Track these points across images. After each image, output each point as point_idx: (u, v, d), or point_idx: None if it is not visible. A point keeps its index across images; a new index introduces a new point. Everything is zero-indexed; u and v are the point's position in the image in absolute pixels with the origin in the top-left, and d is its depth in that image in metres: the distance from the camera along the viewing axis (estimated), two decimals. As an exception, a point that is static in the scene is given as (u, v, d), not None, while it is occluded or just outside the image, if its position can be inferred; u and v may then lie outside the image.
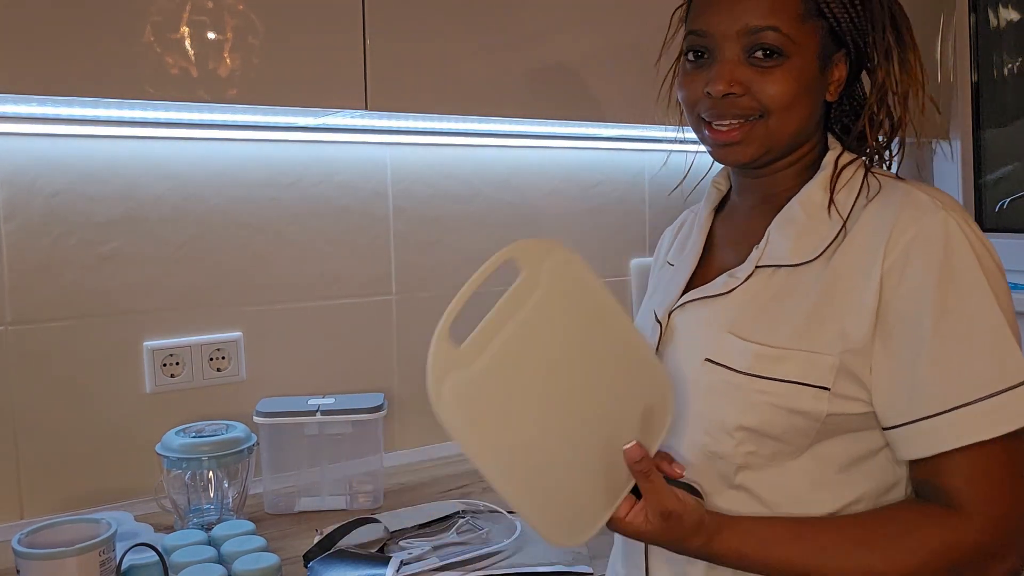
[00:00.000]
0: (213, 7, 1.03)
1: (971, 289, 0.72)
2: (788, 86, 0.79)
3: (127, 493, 1.33)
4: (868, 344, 0.74)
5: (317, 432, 1.32)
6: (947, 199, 0.77)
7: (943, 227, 0.73)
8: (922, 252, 0.73)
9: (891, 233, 0.74)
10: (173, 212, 1.34)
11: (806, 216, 0.81)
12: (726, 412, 0.78)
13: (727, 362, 0.79)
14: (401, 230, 1.55)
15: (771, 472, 0.78)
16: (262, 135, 1.40)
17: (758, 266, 0.82)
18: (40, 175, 1.24)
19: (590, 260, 1.88)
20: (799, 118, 0.81)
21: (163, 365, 1.35)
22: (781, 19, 0.78)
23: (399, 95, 1.17)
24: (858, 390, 0.75)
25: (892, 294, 0.73)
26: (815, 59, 0.80)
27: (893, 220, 0.75)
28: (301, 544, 1.16)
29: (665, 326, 0.88)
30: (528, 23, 1.27)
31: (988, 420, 0.70)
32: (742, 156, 0.82)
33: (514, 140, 1.65)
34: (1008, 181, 1.91)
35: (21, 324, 1.24)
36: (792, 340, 0.77)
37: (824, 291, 0.77)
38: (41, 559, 0.90)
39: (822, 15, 0.80)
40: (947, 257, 0.72)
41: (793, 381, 0.75)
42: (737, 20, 0.79)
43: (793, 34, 0.78)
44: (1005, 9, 1.88)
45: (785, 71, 0.79)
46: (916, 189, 0.78)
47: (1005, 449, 0.71)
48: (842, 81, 0.83)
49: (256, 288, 1.42)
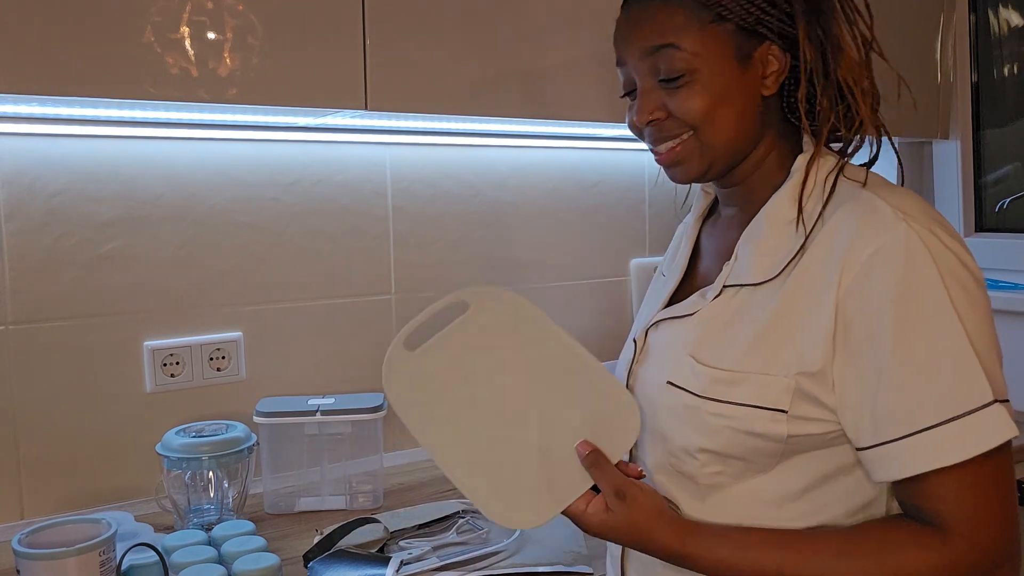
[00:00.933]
0: (213, 7, 1.03)
1: (931, 309, 0.68)
2: (702, 100, 0.77)
3: (127, 493, 1.33)
4: (827, 365, 0.72)
5: (317, 432, 1.32)
6: (915, 206, 0.73)
7: (904, 242, 0.69)
8: (881, 270, 0.69)
9: (848, 250, 0.71)
10: (173, 212, 1.35)
11: (771, 230, 0.79)
12: (687, 435, 0.78)
13: (686, 385, 0.79)
14: (400, 230, 1.55)
15: (740, 489, 0.78)
16: (262, 135, 1.40)
17: (725, 285, 0.81)
18: (40, 175, 1.24)
19: (590, 260, 1.90)
20: (728, 126, 0.78)
21: (163, 365, 1.35)
22: (677, 35, 0.77)
23: (399, 95, 1.17)
24: (820, 411, 0.73)
25: (853, 314, 0.70)
26: (730, 62, 0.77)
27: (851, 235, 0.71)
28: (301, 544, 1.16)
29: (641, 345, 0.88)
30: (528, 23, 1.27)
31: (954, 444, 0.68)
32: (687, 174, 0.81)
33: (514, 140, 1.65)
34: (1008, 181, 1.91)
35: (21, 324, 1.24)
36: (747, 362, 0.75)
37: (780, 311, 0.75)
38: (41, 559, 0.90)
39: (723, 18, 0.76)
40: (906, 274, 0.69)
41: (749, 404, 0.74)
42: (637, 45, 0.79)
43: (694, 46, 0.76)
44: (1005, 9, 1.88)
45: (696, 85, 0.77)
46: (879, 198, 0.73)
47: (981, 470, 0.69)
48: (782, 72, 0.79)
49: (256, 288, 1.42)
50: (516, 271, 1.69)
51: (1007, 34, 1.88)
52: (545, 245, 1.73)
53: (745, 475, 0.77)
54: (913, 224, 0.70)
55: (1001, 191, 1.92)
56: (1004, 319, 1.81)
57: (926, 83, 1.86)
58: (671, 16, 0.77)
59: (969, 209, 1.94)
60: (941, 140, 1.93)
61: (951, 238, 0.72)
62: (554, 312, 1.74)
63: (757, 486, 0.77)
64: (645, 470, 0.83)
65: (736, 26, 0.77)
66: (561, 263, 1.76)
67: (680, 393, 0.79)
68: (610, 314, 1.82)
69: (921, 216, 0.72)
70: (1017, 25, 1.87)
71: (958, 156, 1.92)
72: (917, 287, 0.69)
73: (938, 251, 0.70)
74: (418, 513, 1.25)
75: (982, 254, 1.90)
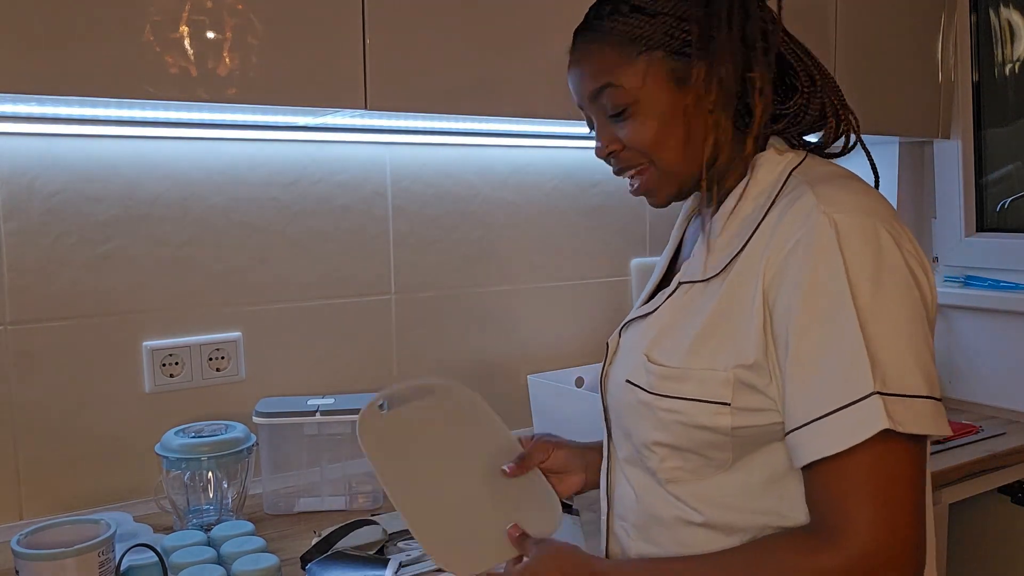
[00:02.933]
0: (212, 7, 1.02)
1: (829, 302, 0.68)
2: (648, 129, 0.80)
3: (126, 493, 1.33)
4: (761, 357, 0.73)
5: (316, 432, 1.32)
6: (848, 198, 0.73)
7: (817, 234, 0.70)
8: (796, 264, 0.71)
9: (773, 244, 0.73)
10: (173, 211, 1.34)
11: (721, 228, 0.81)
12: (645, 430, 0.81)
13: (640, 383, 0.81)
14: (400, 230, 1.55)
15: (702, 485, 0.79)
16: (262, 135, 1.39)
17: (680, 282, 0.83)
18: (40, 175, 1.24)
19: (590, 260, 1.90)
20: (678, 148, 0.80)
21: (162, 365, 1.34)
22: (611, 73, 0.80)
23: (399, 95, 1.16)
24: (763, 401, 0.74)
25: (773, 306, 0.72)
26: (667, 84, 0.79)
27: (776, 230, 0.73)
28: (300, 545, 1.16)
29: (614, 347, 0.90)
30: (528, 23, 1.27)
31: (829, 436, 0.67)
32: (658, 202, 0.85)
33: (514, 140, 1.65)
34: (1009, 181, 1.91)
35: (20, 324, 1.24)
36: (690, 359, 0.77)
37: (719, 306, 0.77)
38: (40, 560, 0.90)
39: (650, 47, 0.78)
40: (815, 266, 0.69)
41: (694, 399, 0.76)
42: (581, 89, 0.84)
43: (628, 80, 0.79)
44: (1006, 9, 1.87)
45: (640, 115, 0.80)
46: (812, 191, 0.74)
47: (856, 466, 0.66)
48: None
49: (255, 288, 1.42)
50: (516, 271, 1.69)
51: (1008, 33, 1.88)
52: (545, 245, 1.73)
53: (704, 472, 0.79)
54: (836, 215, 0.71)
55: (1002, 191, 1.91)
56: (1004, 319, 1.81)
57: (927, 83, 1.85)
58: (604, 56, 0.81)
59: (970, 209, 1.94)
60: (942, 140, 1.93)
61: (887, 232, 0.71)
62: (554, 312, 1.74)
63: (719, 483, 0.78)
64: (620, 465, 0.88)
65: (664, 52, 0.79)
66: (561, 263, 1.76)
67: (636, 391, 0.82)
68: (610, 314, 1.81)
69: (852, 208, 0.72)
70: (1018, 24, 1.87)
71: (959, 156, 1.92)
72: (822, 279, 0.69)
73: (852, 243, 0.69)
74: None
75: (982, 254, 1.91)
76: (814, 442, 0.68)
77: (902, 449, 0.67)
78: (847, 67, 1.67)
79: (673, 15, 0.78)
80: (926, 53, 1.85)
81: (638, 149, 0.81)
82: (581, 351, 1.77)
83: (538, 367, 1.70)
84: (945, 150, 1.95)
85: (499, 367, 1.68)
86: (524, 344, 1.71)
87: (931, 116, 1.87)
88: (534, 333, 1.72)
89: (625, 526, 0.87)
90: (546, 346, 1.74)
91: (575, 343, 1.77)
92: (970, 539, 1.76)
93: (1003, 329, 1.82)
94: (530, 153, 1.69)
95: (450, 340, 1.62)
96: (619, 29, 0.80)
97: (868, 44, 1.71)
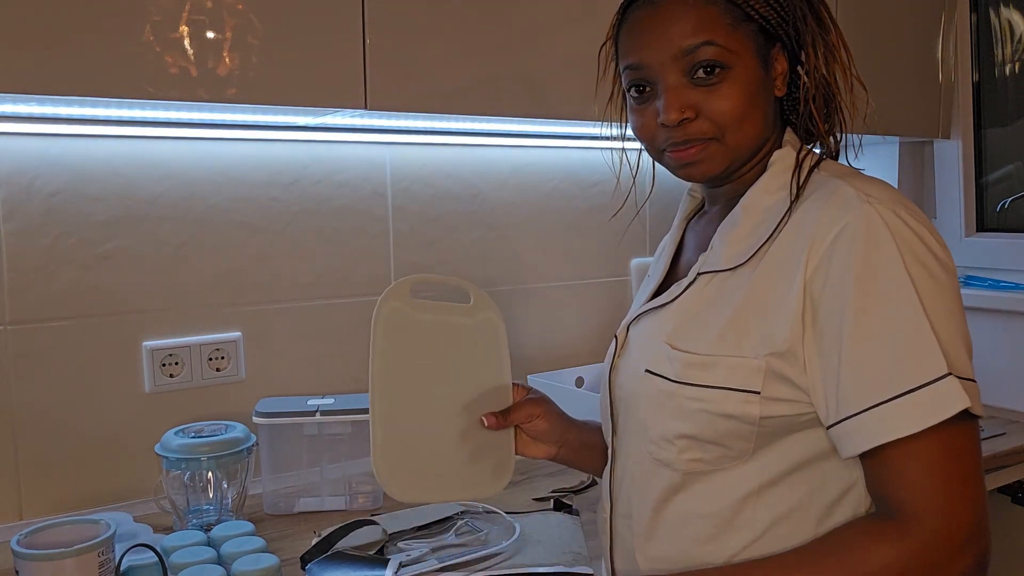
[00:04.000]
0: (212, 7, 1.02)
1: (889, 285, 0.69)
2: (738, 98, 0.78)
3: (126, 493, 1.33)
4: (796, 346, 0.73)
5: (316, 432, 1.32)
6: (882, 191, 0.74)
7: (865, 222, 0.71)
8: (844, 250, 0.71)
9: (815, 233, 0.73)
10: (172, 212, 1.34)
11: (746, 219, 0.81)
12: (665, 421, 0.80)
13: (662, 371, 0.80)
14: (400, 230, 1.55)
15: (719, 477, 0.78)
16: (261, 135, 1.39)
17: (699, 273, 0.83)
18: (39, 175, 1.24)
19: (590, 260, 1.89)
20: (755, 127, 0.80)
21: (162, 365, 1.34)
22: (714, 32, 0.77)
23: (399, 95, 1.16)
24: (792, 391, 0.74)
25: (819, 295, 0.72)
26: (756, 61, 0.79)
27: (817, 219, 0.74)
28: (300, 545, 1.16)
29: (622, 340, 0.90)
30: (528, 22, 1.27)
31: (906, 416, 0.67)
32: (706, 173, 0.82)
33: (514, 140, 1.65)
34: (1009, 181, 1.91)
35: (20, 324, 1.24)
36: (719, 346, 0.77)
37: (750, 294, 0.76)
38: (40, 560, 0.90)
39: (750, 18, 0.78)
40: (867, 253, 0.70)
41: (721, 387, 0.75)
42: (671, 44, 0.78)
43: (729, 44, 0.77)
44: (1006, 8, 1.87)
45: (731, 83, 0.78)
46: (847, 184, 0.75)
47: (936, 445, 0.67)
48: (785, 74, 0.82)
49: (255, 288, 1.42)
50: (516, 271, 1.69)
51: (1008, 33, 1.88)
52: (545, 245, 1.73)
53: (722, 463, 0.78)
54: (877, 205, 0.72)
55: (1002, 191, 1.91)
56: (1004, 319, 1.81)
57: (927, 82, 1.85)
58: (708, 13, 0.77)
59: (970, 209, 1.94)
60: (942, 140, 1.93)
61: (918, 222, 0.72)
62: (554, 312, 1.74)
63: (735, 475, 0.78)
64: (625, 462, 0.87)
65: (758, 26, 0.79)
66: (561, 263, 1.76)
67: (657, 380, 0.81)
68: (610, 314, 1.81)
69: (887, 199, 0.73)
70: (1018, 24, 1.87)
71: (959, 156, 1.92)
72: (877, 264, 0.70)
73: (900, 231, 0.71)
74: (417, 515, 1.24)
75: (983, 254, 1.91)
76: (882, 425, 0.68)
77: (970, 429, 0.68)
78: (847, 67, 1.67)
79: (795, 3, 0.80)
80: (926, 53, 1.85)
81: (717, 120, 0.78)
82: (581, 351, 1.77)
83: (538, 367, 1.70)
84: (945, 150, 1.95)
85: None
86: (524, 344, 1.71)
87: (931, 116, 1.87)
88: (534, 333, 1.72)
89: (629, 524, 0.86)
90: (546, 346, 1.74)
91: (575, 343, 1.77)
92: (970, 539, 1.76)
93: (1003, 329, 1.81)
94: (530, 153, 1.69)
95: (450, 340, 1.61)
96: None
97: (868, 44, 1.71)
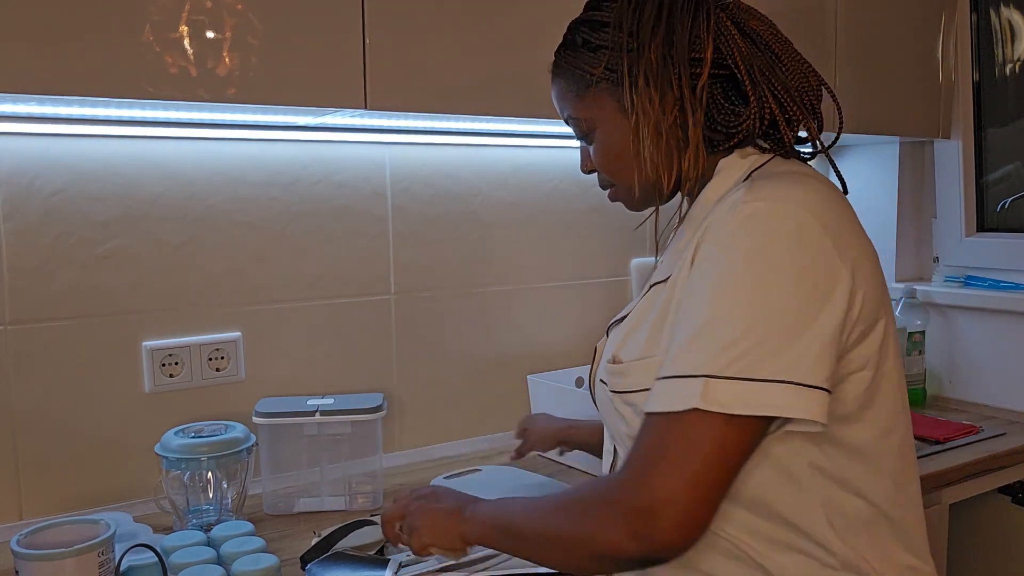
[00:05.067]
0: (212, 6, 1.02)
1: (709, 278, 0.72)
2: (603, 155, 0.88)
3: (126, 494, 1.33)
4: None
5: (316, 432, 1.32)
6: (776, 191, 0.74)
7: (729, 218, 0.73)
8: (703, 246, 0.74)
9: (703, 234, 0.76)
10: (172, 211, 1.34)
11: (687, 230, 0.85)
12: (616, 424, 0.86)
13: (607, 380, 0.86)
14: (400, 230, 1.55)
15: None
16: (261, 135, 1.39)
17: (651, 285, 0.87)
18: (39, 175, 1.24)
19: (590, 260, 1.89)
20: (634, 171, 0.85)
21: (162, 365, 1.34)
22: (566, 105, 0.89)
23: (399, 95, 1.16)
24: None
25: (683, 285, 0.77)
26: (617, 114, 0.84)
27: (710, 221, 0.76)
28: (300, 545, 1.16)
29: (601, 350, 0.95)
30: (528, 22, 1.26)
31: (657, 396, 0.72)
32: (629, 208, 0.94)
33: (514, 140, 1.65)
34: (1009, 181, 1.90)
35: (20, 324, 1.24)
36: (644, 350, 0.81)
37: (666, 299, 0.81)
38: (40, 560, 0.90)
39: (591, 82, 0.85)
40: (714, 246, 0.73)
41: (641, 389, 0.79)
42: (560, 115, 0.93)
43: (581, 112, 0.88)
44: (1007, 8, 1.87)
45: (599, 142, 0.88)
46: (749, 185, 0.75)
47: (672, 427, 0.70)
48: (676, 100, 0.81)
49: (255, 288, 1.42)
50: (516, 271, 1.69)
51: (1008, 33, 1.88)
52: (545, 245, 1.73)
53: None
54: (754, 203, 0.73)
55: (1003, 191, 1.91)
56: (1004, 319, 1.81)
57: (927, 82, 1.85)
58: (561, 89, 0.90)
59: (971, 209, 1.94)
60: (942, 140, 1.93)
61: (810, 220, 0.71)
62: (554, 312, 1.74)
63: None
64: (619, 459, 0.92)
65: (609, 84, 0.84)
66: (561, 263, 1.76)
67: (605, 388, 0.87)
68: (610, 314, 1.81)
69: (774, 197, 0.73)
70: (1018, 24, 1.87)
71: (959, 156, 1.92)
72: (713, 254, 0.73)
73: (759, 225, 0.71)
74: None
75: (983, 254, 1.90)
76: (653, 397, 0.73)
77: (719, 428, 0.69)
78: (847, 67, 1.67)
79: (613, 48, 0.83)
80: (926, 53, 1.85)
81: (600, 171, 0.90)
82: (581, 351, 1.77)
83: (538, 367, 1.70)
84: (945, 150, 1.95)
85: (499, 367, 1.68)
86: (524, 344, 1.71)
87: (931, 116, 1.87)
88: (534, 333, 1.72)
89: None
90: (546, 346, 1.74)
91: (575, 343, 1.77)
92: (970, 539, 1.76)
93: (1003, 329, 1.81)
94: (530, 153, 1.69)
95: (450, 340, 1.62)
96: (571, 64, 0.87)
97: (868, 44, 1.71)
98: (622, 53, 0.81)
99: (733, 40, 0.81)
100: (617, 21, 0.82)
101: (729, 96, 0.83)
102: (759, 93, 0.81)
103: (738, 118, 0.82)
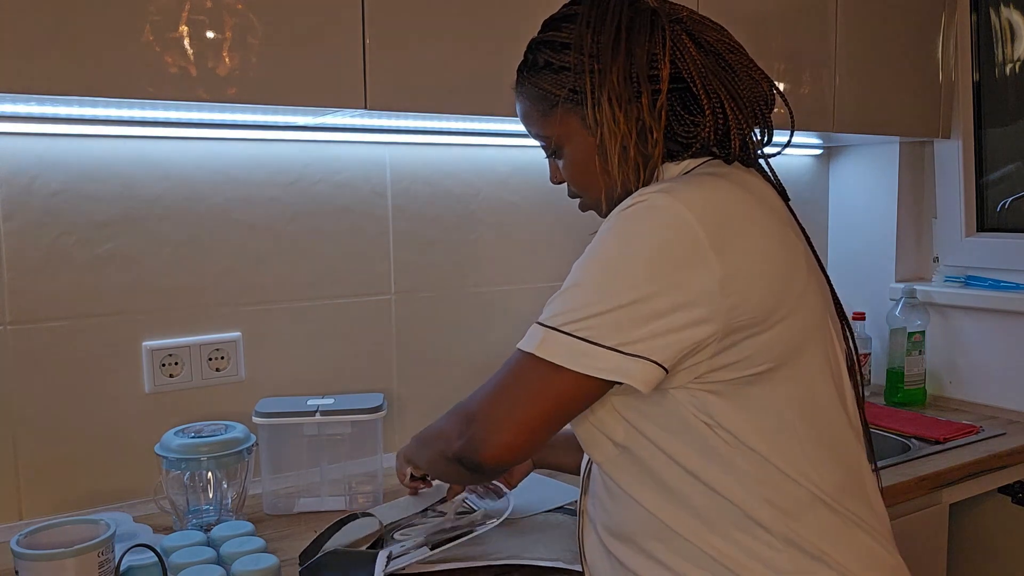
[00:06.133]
0: (212, 6, 1.02)
1: (592, 255, 0.78)
2: (570, 171, 0.91)
3: (126, 494, 1.32)
4: None
5: (316, 432, 1.32)
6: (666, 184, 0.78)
7: (617, 212, 0.78)
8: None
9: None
10: (172, 211, 1.34)
11: None
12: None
13: None
14: (400, 230, 1.55)
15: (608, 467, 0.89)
16: (261, 135, 1.39)
17: None
18: (39, 174, 1.24)
19: (590, 260, 1.86)
20: (600, 184, 0.88)
21: (162, 365, 1.34)
22: (533, 124, 0.92)
23: (399, 95, 1.16)
24: None
25: None
26: (581, 132, 0.87)
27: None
28: (300, 545, 1.16)
29: None
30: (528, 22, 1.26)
31: (524, 337, 0.80)
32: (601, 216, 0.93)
33: (514, 140, 1.65)
34: (1009, 181, 1.91)
35: (20, 324, 1.24)
36: None
37: None
38: (40, 560, 0.90)
39: (555, 103, 0.87)
40: (599, 233, 0.79)
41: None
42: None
43: (547, 130, 0.90)
44: (1006, 8, 1.87)
45: (566, 158, 0.91)
46: (649, 188, 0.79)
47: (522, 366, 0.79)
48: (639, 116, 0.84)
49: (255, 288, 1.42)
50: (516, 271, 1.69)
51: (1008, 33, 1.88)
52: (546, 245, 1.73)
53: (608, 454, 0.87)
54: (641, 196, 0.77)
55: (1003, 191, 1.91)
56: (1004, 319, 1.81)
57: (927, 82, 1.85)
58: (526, 109, 0.92)
59: (971, 209, 1.94)
60: (942, 140, 1.93)
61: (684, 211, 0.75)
62: (554, 312, 1.74)
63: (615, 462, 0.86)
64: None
65: (572, 103, 0.86)
66: (562, 263, 1.75)
67: None
68: (610, 314, 1.81)
69: (659, 190, 0.77)
70: (1018, 24, 1.87)
71: (959, 156, 1.92)
72: (601, 236, 0.79)
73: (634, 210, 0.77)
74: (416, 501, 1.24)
75: (983, 254, 1.91)
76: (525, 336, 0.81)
77: (547, 373, 0.77)
78: (847, 67, 1.67)
79: (576, 70, 0.85)
80: (926, 53, 1.85)
81: (569, 185, 0.94)
82: (581, 351, 1.77)
83: (538, 367, 1.69)
84: (945, 150, 1.95)
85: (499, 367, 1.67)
86: (524, 344, 1.71)
87: (931, 116, 1.87)
88: (534, 333, 1.72)
89: (593, 501, 0.94)
90: (546, 346, 1.74)
91: (575, 343, 1.77)
92: (970, 539, 1.76)
93: (1003, 329, 1.81)
94: (530, 153, 1.69)
95: (450, 340, 1.62)
96: (535, 84, 0.89)
97: (868, 44, 1.71)
98: (585, 75, 0.84)
99: (689, 54, 0.84)
100: (578, 43, 0.85)
101: (688, 107, 0.85)
102: (713, 104, 0.84)
103: (696, 128, 0.85)
